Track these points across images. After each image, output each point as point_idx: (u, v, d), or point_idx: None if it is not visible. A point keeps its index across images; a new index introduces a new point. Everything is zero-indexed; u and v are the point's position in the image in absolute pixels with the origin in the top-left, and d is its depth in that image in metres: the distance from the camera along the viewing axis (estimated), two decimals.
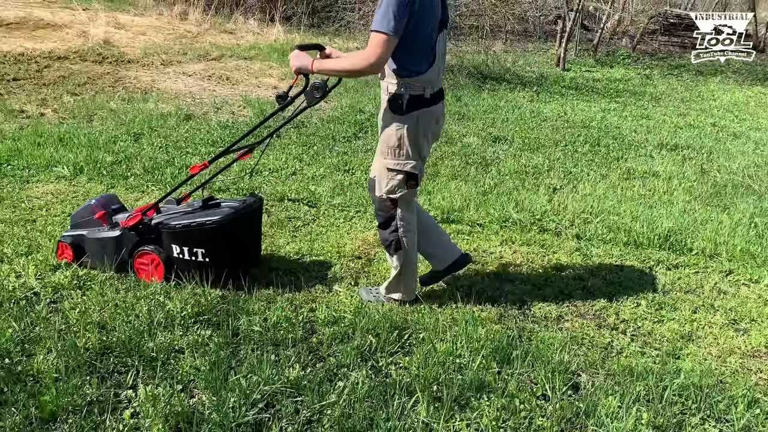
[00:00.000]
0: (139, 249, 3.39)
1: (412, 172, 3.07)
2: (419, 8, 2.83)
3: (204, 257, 3.32)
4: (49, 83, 8.07)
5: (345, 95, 8.94)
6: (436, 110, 3.12)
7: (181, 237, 3.32)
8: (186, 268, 3.35)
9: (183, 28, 13.79)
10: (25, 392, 2.44)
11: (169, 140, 6.09)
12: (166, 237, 3.34)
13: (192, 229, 3.30)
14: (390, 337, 2.98)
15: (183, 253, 3.33)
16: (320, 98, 3.16)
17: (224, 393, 2.52)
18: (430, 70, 2.99)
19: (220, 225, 3.29)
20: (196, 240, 3.30)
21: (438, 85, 3.10)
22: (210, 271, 3.33)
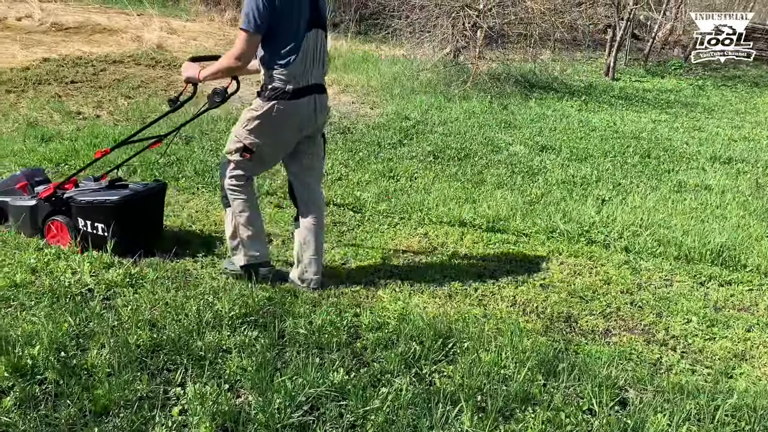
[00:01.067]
0: (51, 218, 3.80)
1: (248, 147, 3.33)
2: (281, 7, 3.07)
3: (103, 231, 3.69)
4: (105, 86, 8.34)
5: (391, 102, 8.98)
6: (298, 105, 3.28)
7: (86, 211, 3.71)
8: (89, 239, 3.71)
9: (233, 33, 14.07)
10: (80, 385, 2.51)
11: (219, 144, 6.21)
12: (74, 210, 3.74)
13: (94, 206, 3.69)
14: (434, 345, 2.97)
15: (87, 226, 3.71)
16: (220, 102, 3.51)
17: (270, 394, 2.54)
18: (294, 64, 3.19)
19: (117, 204, 3.66)
20: (97, 215, 3.69)
21: (306, 81, 3.27)
22: (109, 243, 3.66)
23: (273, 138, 3.35)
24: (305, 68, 3.24)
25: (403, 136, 7.20)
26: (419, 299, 3.54)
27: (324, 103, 3.45)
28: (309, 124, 3.41)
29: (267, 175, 5.43)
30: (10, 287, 3.20)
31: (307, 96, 3.30)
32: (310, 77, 3.28)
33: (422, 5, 11.06)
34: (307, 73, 3.26)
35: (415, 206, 4.97)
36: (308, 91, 3.30)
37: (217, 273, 3.62)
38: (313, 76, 3.30)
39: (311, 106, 3.34)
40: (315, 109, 3.37)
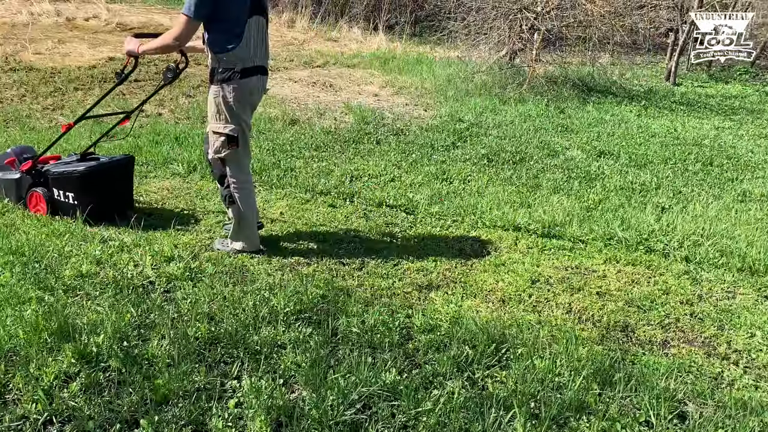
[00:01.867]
0: (32, 189, 4.23)
1: (231, 135, 3.58)
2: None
3: (73, 200, 4.09)
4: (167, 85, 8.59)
5: (444, 104, 8.95)
6: (249, 83, 3.57)
7: (58, 182, 4.12)
8: (63, 208, 4.15)
9: (290, 35, 14.29)
10: (141, 374, 2.59)
11: (276, 143, 6.32)
12: (51, 182, 4.15)
13: (64, 176, 4.09)
14: (487, 349, 2.95)
15: (60, 195, 4.13)
16: (172, 78, 3.89)
17: (323, 391, 2.58)
18: (238, 48, 3.47)
19: (82, 174, 4.06)
20: (67, 185, 4.10)
21: (252, 63, 3.56)
22: (79, 211, 4.07)
23: (241, 117, 3.63)
24: (250, 51, 3.53)
25: (457, 138, 7.17)
26: (472, 303, 3.52)
27: (265, 83, 3.78)
28: (256, 104, 3.80)
29: (321, 174, 5.50)
30: (77, 277, 3.33)
31: (255, 75, 3.61)
32: (255, 59, 3.58)
33: (479, 7, 10.99)
34: (253, 56, 3.56)
35: (468, 209, 4.94)
36: (255, 71, 3.60)
37: (273, 270, 3.68)
38: (258, 58, 3.61)
39: (259, 84, 3.68)
40: (260, 89, 3.71)
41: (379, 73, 11.01)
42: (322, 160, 6.00)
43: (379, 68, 11.38)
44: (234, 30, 3.45)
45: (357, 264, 3.91)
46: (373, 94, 9.53)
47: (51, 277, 3.29)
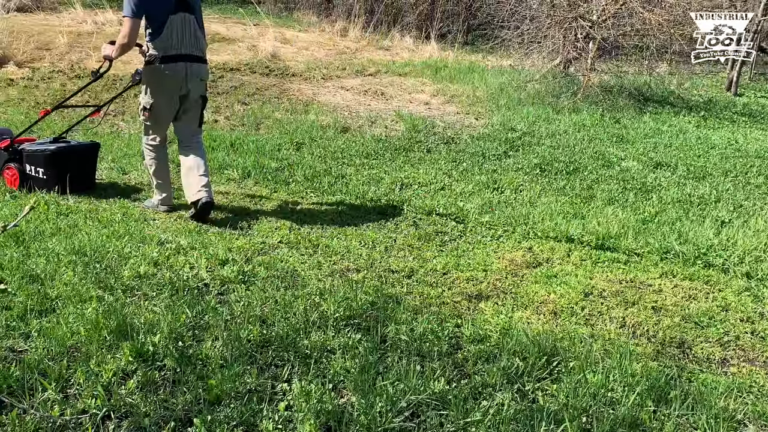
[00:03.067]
0: (7, 164, 4.88)
1: (146, 106, 4.46)
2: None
3: (42, 174, 4.76)
4: (222, 92, 8.80)
5: (496, 112, 8.89)
6: (171, 67, 4.33)
7: (30, 159, 4.79)
8: (34, 181, 4.80)
9: (343, 44, 14.46)
10: (195, 374, 2.65)
11: (327, 150, 6.40)
12: (24, 158, 4.82)
13: (36, 154, 4.75)
14: (538, 362, 2.91)
15: (32, 170, 4.80)
16: (139, 80, 4.52)
17: (372, 397, 2.58)
18: (161, 38, 4.26)
19: (52, 153, 4.73)
20: (38, 162, 4.76)
21: (176, 51, 4.32)
22: (48, 185, 4.74)
23: (159, 95, 4.41)
24: (172, 42, 4.29)
25: (509, 147, 7.11)
26: (523, 314, 3.48)
27: (196, 70, 4.44)
28: (182, 85, 4.41)
29: (371, 182, 5.53)
30: (135, 278, 3.43)
31: (179, 62, 4.34)
32: (180, 48, 4.33)
33: (533, 16, 10.90)
34: (175, 45, 4.31)
35: (519, 219, 4.89)
36: (179, 59, 4.34)
37: (323, 275, 3.72)
38: (183, 47, 4.34)
39: (183, 71, 4.37)
40: (186, 74, 4.38)
41: (430, 82, 11.02)
42: (372, 167, 6.03)
43: (431, 77, 11.39)
44: (159, 23, 4.26)
45: (406, 272, 3.92)
46: (424, 103, 9.54)
47: (111, 277, 3.40)
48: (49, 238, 3.86)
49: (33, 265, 3.43)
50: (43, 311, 3.03)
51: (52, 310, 3.05)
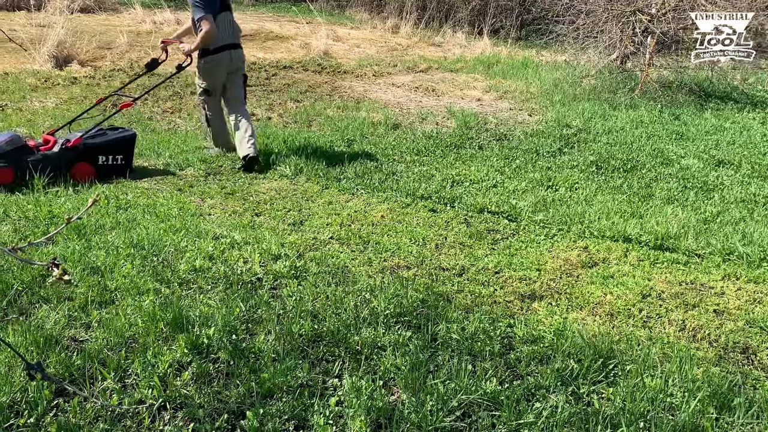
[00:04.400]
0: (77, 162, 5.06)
1: (206, 88, 5.70)
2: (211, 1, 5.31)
3: (121, 161, 5.26)
4: (276, 90, 8.91)
5: (550, 109, 8.72)
6: (222, 55, 5.55)
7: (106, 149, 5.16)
8: (109, 170, 5.20)
9: (394, 41, 14.44)
10: (248, 367, 2.68)
11: (378, 147, 6.39)
12: (96, 151, 5.13)
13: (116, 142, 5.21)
14: (593, 364, 2.83)
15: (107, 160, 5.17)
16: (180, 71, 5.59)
17: (423, 395, 2.56)
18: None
19: (132, 137, 5.34)
20: (116, 149, 5.20)
21: (222, 42, 5.48)
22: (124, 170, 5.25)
23: (210, 77, 5.64)
24: (220, 36, 5.41)
25: (564, 144, 6.96)
26: (578, 315, 3.40)
27: (236, 54, 5.66)
28: (228, 67, 5.63)
29: (422, 179, 5.50)
30: (191, 271, 3.50)
31: (224, 51, 5.52)
32: (224, 40, 5.48)
33: (589, 10, 10.64)
34: (221, 38, 5.44)
35: (574, 218, 4.78)
36: (224, 48, 5.51)
37: (374, 272, 3.72)
38: (225, 39, 5.49)
39: (228, 57, 5.57)
40: (231, 58, 5.59)
41: (482, 78, 10.90)
42: (423, 164, 6.00)
43: (483, 72, 11.26)
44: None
45: (457, 270, 3.88)
46: (476, 99, 9.44)
47: (167, 270, 3.48)
48: (109, 231, 3.97)
49: (94, 257, 3.54)
50: (103, 302, 3.12)
51: (111, 302, 3.13)
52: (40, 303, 3.05)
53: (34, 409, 2.32)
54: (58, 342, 2.72)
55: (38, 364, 1.20)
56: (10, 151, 4.75)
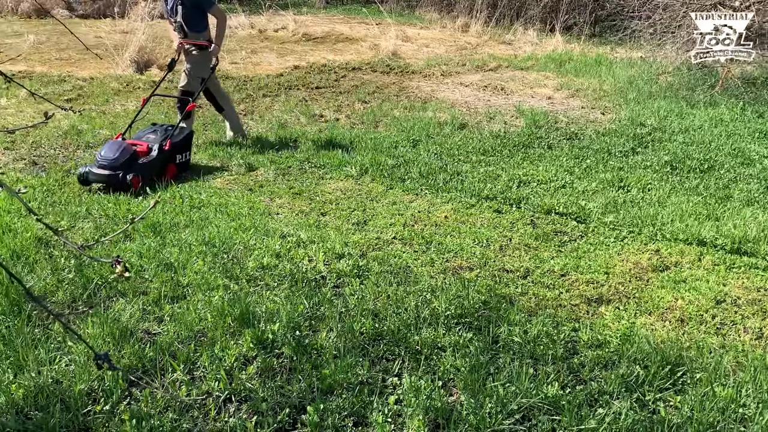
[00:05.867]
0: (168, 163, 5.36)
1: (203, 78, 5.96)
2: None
3: (187, 156, 5.60)
4: (344, 91, 9.03)
5: (624, 107, 8.46)
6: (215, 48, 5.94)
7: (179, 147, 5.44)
8: (181, 168, 5.49)
9: (464, 39, 14.36)
10: (310, 363, 2.75)
11: (444, 147, 6.38)
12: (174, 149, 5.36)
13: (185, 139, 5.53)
14: (660, 371, 2.74)
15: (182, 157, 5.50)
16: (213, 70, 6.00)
17: (482, 397, 2.56)
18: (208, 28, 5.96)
19: (191, 132, 5.79)
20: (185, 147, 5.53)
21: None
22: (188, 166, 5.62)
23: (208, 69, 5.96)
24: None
25: (637, 143, 6.74)
26: (646, 320, 3.30)
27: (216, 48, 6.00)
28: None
29: (487, 179, 5.45)
30: (259, 269, 3.61)
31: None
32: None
33: (666, 4, 10.24)
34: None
35: (646, 220, 4.63)
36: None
37: (435, 272, 3.72)
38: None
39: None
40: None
41: (553, 76, 10.68)
42: (489, 164, 5.95)
43: (554, 70, 11.04)
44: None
45: (521, 272, 3.84)
46: (546, 97, 9.26)
47: (236, 267, 3.60)
48: (183, 229, 4.15)
49: (168, 254, 3.70)
50: (175, 297, 3.27)
51: (183, 297, 3.28)
52: (117, 297, 3.22)
53: (110, 397, 2.46)
54: (132, 334, 2.87)
55: (105, 355, 1.28)
56: (127, 160, 4.97)
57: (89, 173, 4.88)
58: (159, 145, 5.21)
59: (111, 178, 4.83)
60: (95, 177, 4.86)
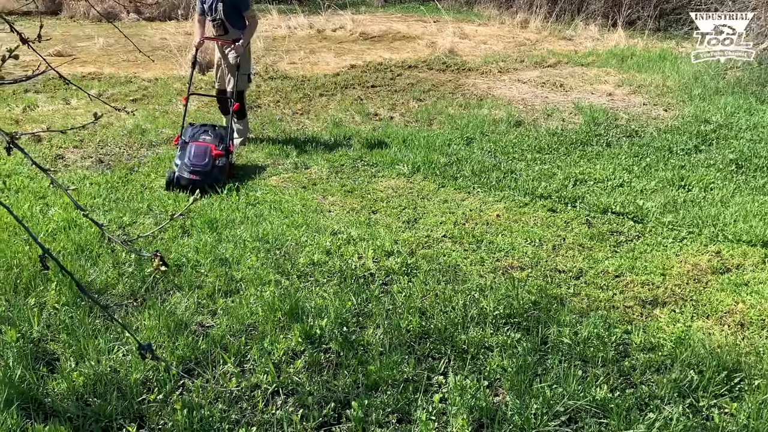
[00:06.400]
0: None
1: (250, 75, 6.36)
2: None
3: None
4: (399, 90, 9.04)
5: (688, 103, 8.17)
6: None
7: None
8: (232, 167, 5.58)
9: (522, 36, 14.15)
10: (356, 359, 2.79)
11: (498, 145, 6.32)
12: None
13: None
14: (716, 377, 2.65)
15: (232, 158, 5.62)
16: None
17: (527, 398, 2.53)
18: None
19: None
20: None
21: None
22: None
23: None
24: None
25: (701, 141, 6.50)
26: (703, 324, 3.19)
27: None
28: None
29: (542, 177, 5.37)
30: (309, 265, 3.68)
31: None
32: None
33: None
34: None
35: (707, 220, 4.46)
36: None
37: (485, 271, 3.70)
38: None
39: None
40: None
41: (615, 72, 10.40)
42: (544, 162, 5.85)
43: (616, 66, 10.74)
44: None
45: (574, 272, 3.77)
46: (606, 94, 9.03)
47: (288, 263, 3.67)
48: (238, 225, 4.26)
49: (223, 249, 3.81)
50: (229, 291, 3.36)
51: (236, 291, 3.37)
52: (174, 290, 3.34)
53: (163, 387, 2.56)
54: (186, 326, 2.97)
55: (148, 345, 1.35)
56: (214, 164, 5.17)
57: (180, 178, 5.03)
58: (225, 147, 5.36)
59: (205, 181, 5.00)
60: (187, 181, 5.01)
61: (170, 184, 5.03)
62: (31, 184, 4.88)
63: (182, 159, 5.14)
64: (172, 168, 5.19)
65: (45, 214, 4.28)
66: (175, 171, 5.08)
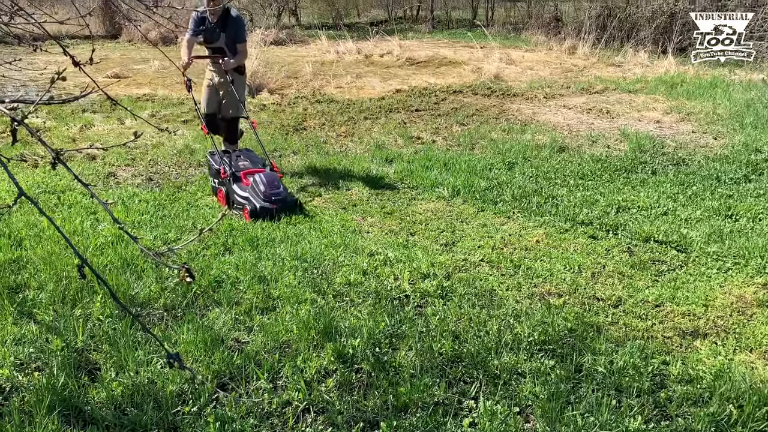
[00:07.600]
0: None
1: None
2: None
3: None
4: (443, 114, 9.10)
5: (739, 132, 7.97)
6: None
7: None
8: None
9: (570, 62, 14.08)
10: (387, 380, 2.80)
11: (540, 170, 6.29)
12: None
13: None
14: (757, 412, 2.57)
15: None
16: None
17: (559, 426, 2.50)
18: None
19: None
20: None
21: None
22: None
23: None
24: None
25: (751, 170, 6.33)
26: (745, 358, 3.09)
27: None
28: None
29: (584, 204, 5.31)
30: (345, 285, 3.72)
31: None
32: None
33: None
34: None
35: (754, 251, 4.34)
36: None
37: (521, 297, 3.68)
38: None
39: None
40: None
41: (663, 99, 10.24)
42: (587, 189, 5.79)
43: (665, 93, 10.58)
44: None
45: (613, 300, 3.71)
46: (654, 121, 8.89)
47: (324, 282, 3.73)
48: (278, 244, 4.35)
49: (262, 267, 3.89)
50: (266, 309, 3.43)
51: (273, 309, 3.43)
52: (213, 306, 3.43)
53: (198, 400, 2.62)
54: (223, 341, 3.05)
55: (176, 355, 1.40)
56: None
57: (263, 209, 4.98)
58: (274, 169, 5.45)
59: (287, 206, 5.07)
60: (269, 211, 4.98)
61: (255, 214, 4.97)
62: (84, 200, 5.09)
63: (254, 191, 5.08)
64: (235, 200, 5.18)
65: (95, 228, 4.45)
66: (256, 205, 5.00)
